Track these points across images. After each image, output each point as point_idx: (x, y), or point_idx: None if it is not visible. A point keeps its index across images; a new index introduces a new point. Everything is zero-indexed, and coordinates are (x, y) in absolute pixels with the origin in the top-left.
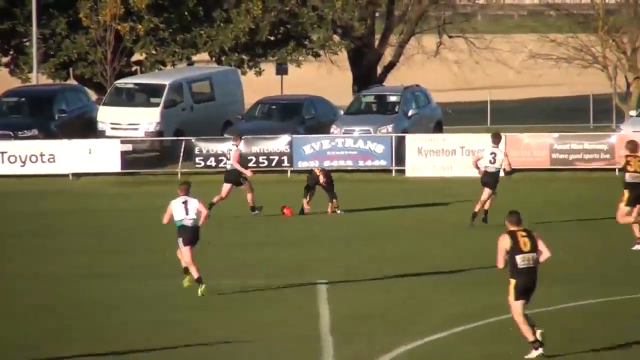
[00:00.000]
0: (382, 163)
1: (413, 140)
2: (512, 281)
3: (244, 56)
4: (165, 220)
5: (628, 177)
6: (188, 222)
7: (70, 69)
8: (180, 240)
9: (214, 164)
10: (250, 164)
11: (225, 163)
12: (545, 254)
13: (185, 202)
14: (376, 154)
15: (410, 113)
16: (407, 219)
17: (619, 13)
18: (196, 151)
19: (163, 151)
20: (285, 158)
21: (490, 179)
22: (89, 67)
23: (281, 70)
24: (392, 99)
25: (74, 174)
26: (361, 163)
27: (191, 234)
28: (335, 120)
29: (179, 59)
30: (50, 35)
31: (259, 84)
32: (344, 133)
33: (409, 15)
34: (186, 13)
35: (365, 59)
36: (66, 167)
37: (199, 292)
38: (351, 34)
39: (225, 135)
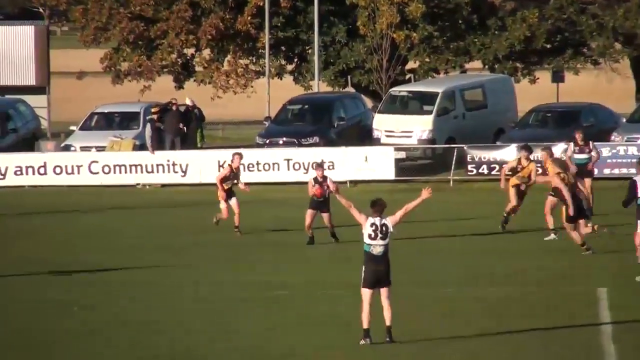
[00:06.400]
0: None
1: None
2: None
3: (517, 64)
4: None
5: None
6: None
7: (349, 77)
8: None
9: (486, 171)
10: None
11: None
12: None
13: None
14: None
15: None
16: None
17: None
18: (468, 159)
19: (435, 159)
20: None
21: None
22: (366, 75)
23: (557, 78)
24: None
25: (351, 182)
26: None
27: None
28: (617, 128)
29: (452, 66)
30: (330, 42)
31: (533, 92)
32: (626, 141)
33: None
34: (460, 21)
35: None
36: (344, 174)
37: None
38: (634, 42)
39: (498, 143)
